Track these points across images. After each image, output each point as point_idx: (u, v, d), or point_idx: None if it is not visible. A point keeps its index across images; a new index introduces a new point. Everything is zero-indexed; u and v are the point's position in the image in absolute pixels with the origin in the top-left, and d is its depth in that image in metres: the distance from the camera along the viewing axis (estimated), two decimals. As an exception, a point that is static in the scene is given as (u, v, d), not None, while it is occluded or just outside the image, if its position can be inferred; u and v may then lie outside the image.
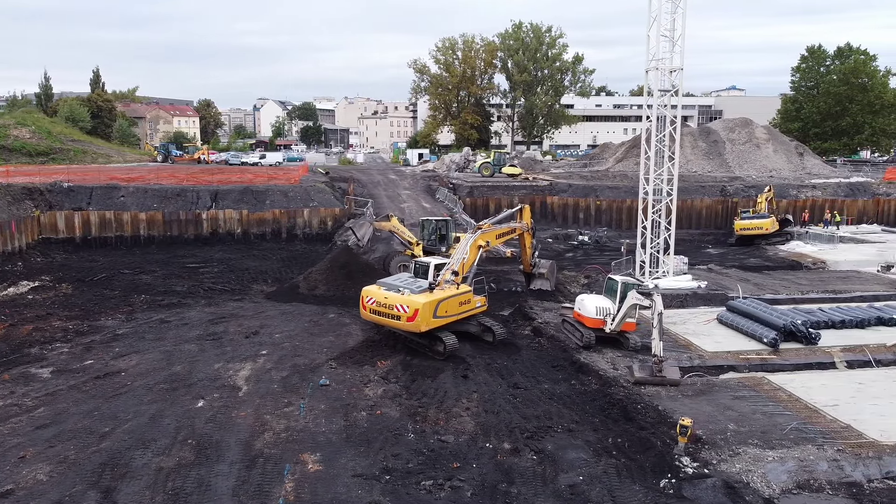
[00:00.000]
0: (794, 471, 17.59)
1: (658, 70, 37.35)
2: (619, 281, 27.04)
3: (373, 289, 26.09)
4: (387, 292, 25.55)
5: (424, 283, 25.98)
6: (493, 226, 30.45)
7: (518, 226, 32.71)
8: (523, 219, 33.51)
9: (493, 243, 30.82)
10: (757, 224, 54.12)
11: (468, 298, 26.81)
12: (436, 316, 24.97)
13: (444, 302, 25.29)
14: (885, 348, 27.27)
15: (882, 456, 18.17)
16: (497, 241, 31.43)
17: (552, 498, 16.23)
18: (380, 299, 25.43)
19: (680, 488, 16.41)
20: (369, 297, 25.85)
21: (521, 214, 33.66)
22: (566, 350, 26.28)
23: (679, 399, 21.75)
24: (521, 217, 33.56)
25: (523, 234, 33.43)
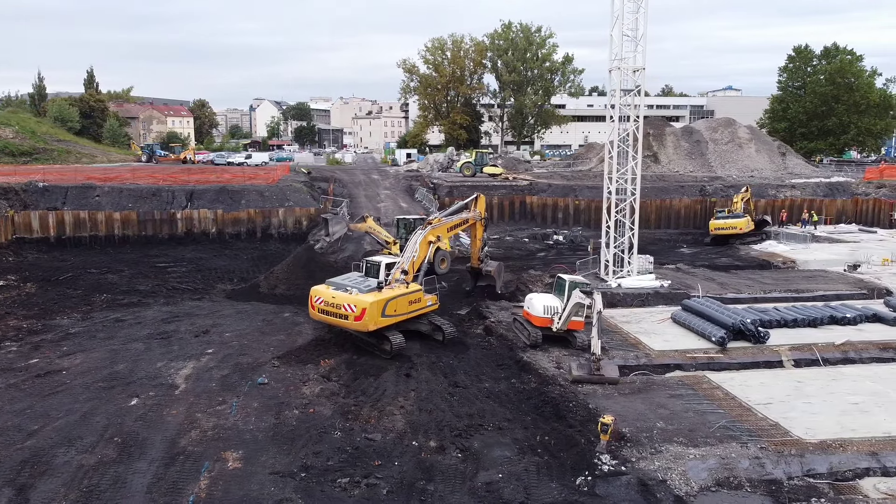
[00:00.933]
0: (715, 468, 17.67)
1: (620, 70, 37.42)
2: (567, 280, 27.10)
3: (321, 289, 26.13)
4: (335, 292, 25.58)
5: (373, 282, 26.02)
6: (443, 219, 30.21)
7: (471, 215, 31.96)
8: (477, 208, 32.92)
9: (445, 237, 30.61)
10: (731, 224, 54.16)
11: (419, 297, 26.85)
12: (384, 315, 25.01)
13: (393, 301, 25.35)
14: (834, 347, 27.34)
15: (805, 454, 18.26)
16: (449, 235, 31.17)
17: (468, 495, 16.30)
18: (328, 299, 25.46)
19: (594, 486, 16.47)
20: (318, 296, 25.88)
21: (475, 204, 33.05)
22: (513, 349, 26.35)
23: (614, 397, 21.83)
24: (475, 206, 32.95)
25: (475, 223, 32.56)
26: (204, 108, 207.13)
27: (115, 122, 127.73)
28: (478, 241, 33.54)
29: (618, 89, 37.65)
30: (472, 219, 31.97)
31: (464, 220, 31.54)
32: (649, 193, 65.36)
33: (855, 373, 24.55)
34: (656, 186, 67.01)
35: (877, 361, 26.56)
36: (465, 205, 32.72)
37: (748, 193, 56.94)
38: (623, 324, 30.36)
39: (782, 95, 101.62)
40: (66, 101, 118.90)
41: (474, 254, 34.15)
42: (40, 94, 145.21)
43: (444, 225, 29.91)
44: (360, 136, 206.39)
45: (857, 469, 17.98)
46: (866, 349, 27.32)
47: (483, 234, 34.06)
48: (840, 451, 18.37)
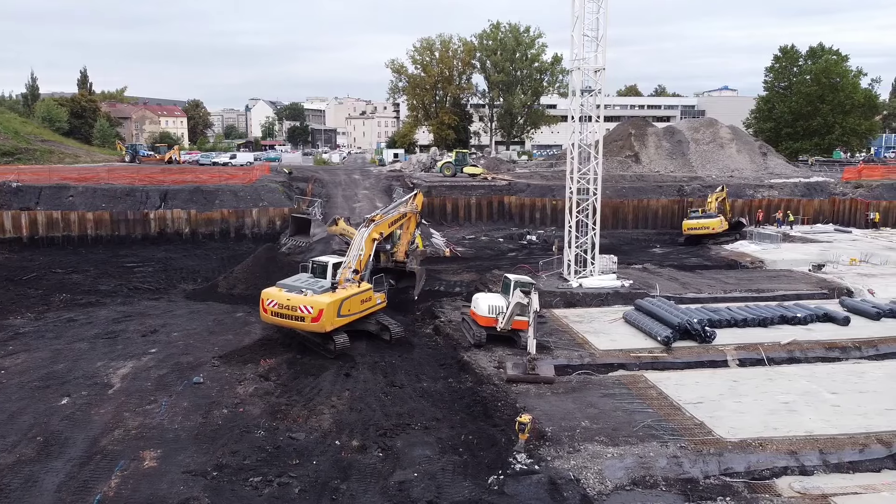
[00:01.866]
0: (632, 467, 17.73)
1: (580, 70, 37.49)
2: (512, 279, 27.15)
3: (273, 291, 26.05)
4: (289, 294, 25.49)
5: (326, 282, 26.05)
6: (384, 216, 30.21)
7: (407, 209, 31.77)
8: (415, 203, 32.87)
9: (386, 232, 30.59)
10: (704, 224, 54.18)
11: (369, 296, 26.96)
12: (340, 315, 25.12)
13: (348, 301, 25.46)
14: (779, 347, 27.40)
15: (723, 453, 18.32)
16: (390, 230, 31.13)
17: (379, 494, 16.37)
18: (282, 301, 25.33)
19: (504, 485, 16.53)
20: (270, 299, 25.74)
21: (413, 199, 33.03)
22: (457, 349, 26.42)
23: (546, 397, 21.89)
24: (412, 201, 32.91)
25: (410, 217, 32.38)
26: (198, 108, 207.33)
27: (105, 122, 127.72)
28: (408, 234, 33.10)
29: (577, 89, 37.66)
30: (409, 213, 31.92)
31: (402, 214, 31.44)
32: (627, 193, 65.64)
33: (793, 372, 24.59)
34: (634, 186, 67.13)
35: (822, 361, 26.62)
36: (404, 201, 32.78)
37: (724, 193, 57.00)
38: (575, 323, 30.42)
39: (768, 95, 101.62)
40: (55, 102, 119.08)
41: (402, 248, 33.47)
42: (33, 94, 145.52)
43: (386, 221, 29.93)
44: (353, 136, 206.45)
45: (774, 468, 18.06)
46: (812, 349, 27.39)
47: (416, 230, 33.86)
48: (759, 450, 18.43)
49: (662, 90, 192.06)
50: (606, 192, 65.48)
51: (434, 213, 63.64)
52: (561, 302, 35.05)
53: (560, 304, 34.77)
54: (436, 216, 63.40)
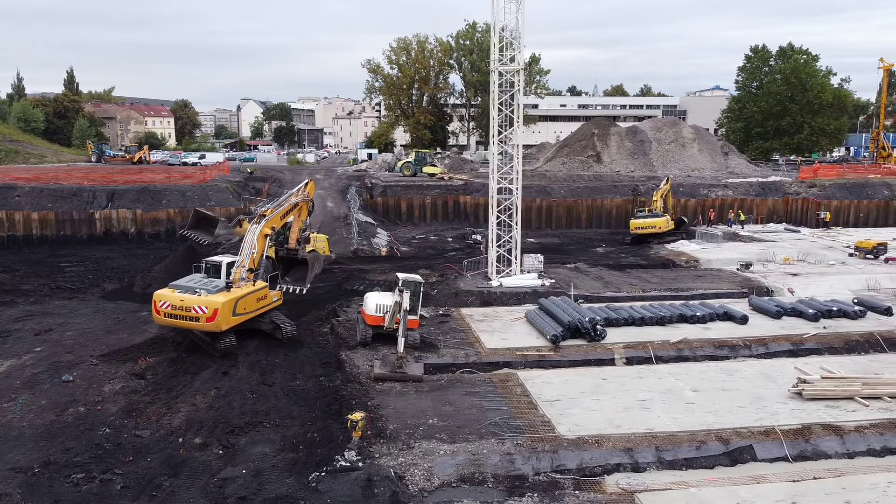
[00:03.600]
0: (463, 464, 17.89)
1: (497, 71, 37.68)
2: (402, 278, 27.27)
3: (166, 292, 26.00)
4: (182, 294, 25.49)
5: (220, 282, 26.12)
6: (275, 209, 30.08)
7: (298, 198, 31.50)
8: (307, 191, 32.78)
9: (279, 226, 30.58)
10: (650, 223, 54.25)
11: (265, 294, 27.08)
12: (235, 314, 25.23)
13: (243, 299, 25.57)
14: (669, 345, 27.55)
15: (558, 450, 18.48)
16: (282, 223, 31.11)
17: (198, 491, 16.53)
18: (175, 302, 25.22)
19: (321, 482, 16.70)
20: (163, 301, 25.58)
21: (305, 188, 32.95)
22: (342, 347, 26.57)
23: (407, 395, 22.06)
24: (304, 190, 32.77)
25: (302, 206, 32.09)
26: (186, 108, 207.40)
27: (84, 122, 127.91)
28: (300, 222, 32.98)
29: (495, 90, 37.85)
30: (300, 202, 31.80)
31: (293, 205, 31.29)
32: (582, 193, 65.83)
33: (666, 370, 24.77)
34: (590, 186, 67.30)
35: (709, 359, 26.77)
36: (296, 190, 32.76)
37: (667, 186, 56.86)
38: (476, 322, 30.58)
39: (740, 95, 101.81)
40: (31, 102, 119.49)
41: (293, 237, 33.26)
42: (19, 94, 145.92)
43: (277, 214, 29.80)
44: (340, 136, 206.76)
45: (607, 465, 18.22)
46: (701, 347, 27.55)
47: (307, 218, 33.89)
48: (595, 447, 18.58)
49: (648, 90, 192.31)
50: (561, 192, 66.12)
51: (389, 212, 63.93)
52: (477, 301, 35.21)
53: (476, 303, 34.94)
54: (390, 216, 63.66)
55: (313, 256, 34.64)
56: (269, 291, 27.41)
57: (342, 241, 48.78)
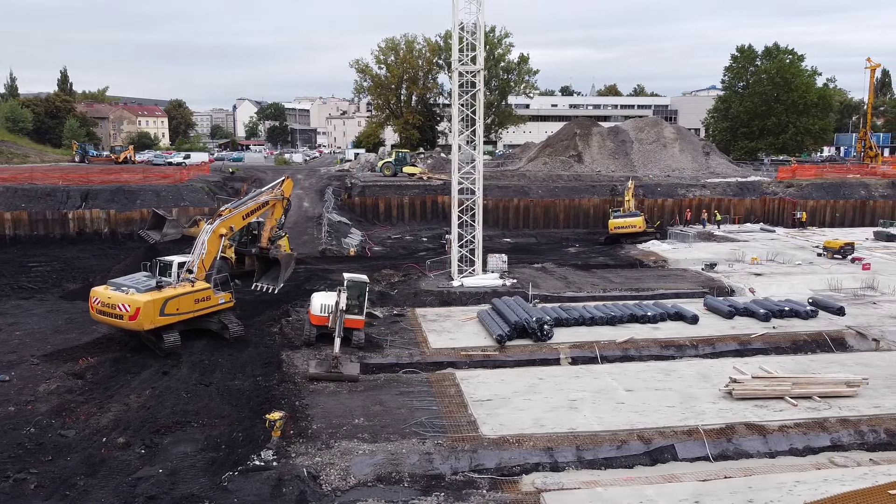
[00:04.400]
0: (381, 464, 17.95)
1: (457, 71, 37.79)
2: (346, 278, 27.32)
3: (100, 289, 26.25)
4: (112, 292, 25.73)
5: (151, 281, 26.23)
6: (234, 209, 29.94)
7: (270, 196, 31.16)
8: (282, 189, 32.55)
9: (239, 226, 30.39)
10: (630, 222, 54.06)
11: (207, 295, 27.03)
12: (163, 314, 25.22)
13: (174, 300, 25.57)
14: (615, 345, 27.61)
15: (478, 449, 18.54)
16: (244, 223, 30.92)
17: (111, 490, 16.58)
18: (104, 299, 25.57)
19: (232, 481, 16.75)
20: (96, 297, 25.99)
21: (281, 184, 32.77)
22: (286, 347, 26.63)
23: (339, 395, 22.14)
24: (279, 188, 32.60)
25: (275, 204, 31.83)
26: (181, 108, 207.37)
27: (75, 122, 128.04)
28: (273, 221, 32.85)
29: (454, 90, 37.94)
30: (272, 200, 31.59)
31: (261, 204, 30.96)
32: (560, 193, 65.85)
33: (605, 370, 24.85)
34: (568, 186, 67.33)
35: (655, 359, 26.84)
36: (269, 187, 32.56)
37: (632, 185, 56.82)
38: (429, 322, 30.68)
39: (726, 95, 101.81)
40: (20, 102, 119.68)
41: (264, 235, 33.18)
42: (12, 93, 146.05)
43: (238, 214, 29.62)
44: (333, 135, 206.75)
45: (526, 464, 18.29)
46: (648, 346, 27.64)
47: (281, 217, 33.74)
48: (515, 447, 18.63)
49: (641, 90, 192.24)
50: (539, 192, 66.14)
51: (367, 212, 63.95)
52: (436, 301, 35.31)
53: (435, 303, 35.03)
54: (368, 215, 63.68)
55: (287, 256, 34.72)
56: (213, 293, 27.27)
57: (312, 240, 48.87)
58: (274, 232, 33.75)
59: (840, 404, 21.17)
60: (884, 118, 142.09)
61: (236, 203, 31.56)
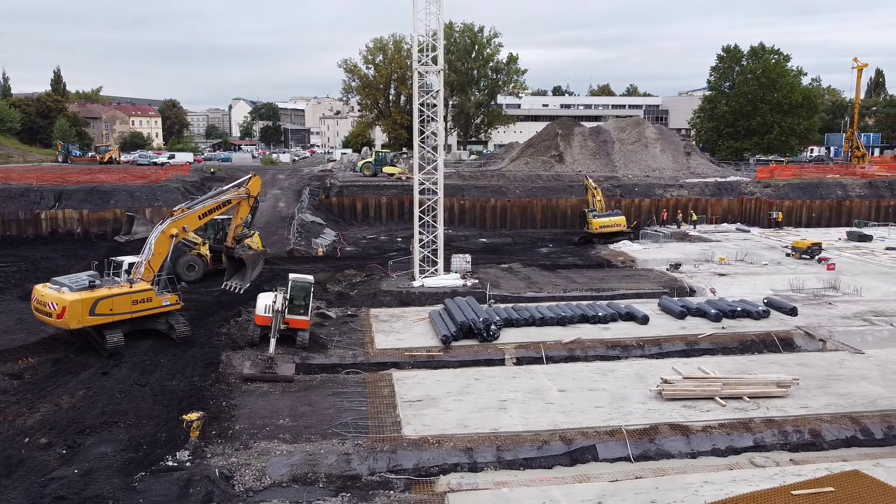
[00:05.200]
0: (298, 464, 17.96)
1: (418, 71, 37.79)
2: (291, 279, 27.34)
3: (39, 287, 26.29)
4: (46, 290, 25.72)
5: (85, 280, 26.13)
6: (189, 209, 29.86)
7: (233, 195, 31.08)
8: (248, 187, 32.45)
9: (194, 226, 30.35)
10: (615, 221, 53.86)
11: (148, 297, 26.97)
12: (94, 314, 25.22)
13: (106, 300, 25.56)
14: (561, 345, 27.62)
15: (397, 450, 18.56)
16: (202, 222, 30.86)
17: (23, 491, 16.60)
18: (39, 297, 25.62)
19: (142, 481, 16.78)
20: (34, 295, 26.06)
21: (247, 183, 32.70)
22: (230, 347, 26.65)
23: (270, 395, 22.16)
24: (246, 185, 32.52)
25: (240, 203, 31.81)
26: (175, 108, 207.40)
27: (65, 122, 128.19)
28: (238, 219, 32.76)
29: (415, 90, 37.96)
30: (234, 199, 31.50)
31: (221, 203, 30.85)
32: (538, 193, 65.89)
33: (543, 370, 24.86)
34: (547, 186, 67.36)
35: (600, 359, 26.84)
36: (234, 185, 32.51)
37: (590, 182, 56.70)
38: (381, 322, 30.70)
39: (712, 95, 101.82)
40: (9, 102, 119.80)
41: (230, 233, 33.11)
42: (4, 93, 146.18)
43: (193, 214, 29.59)
44: (327, 135, 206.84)
45: (444, 465, 18.30)
46: (594, 347, 27.65)
47: (247, 216, 33.74)
48: (435, 447, 18.65)
49: (634, 90, 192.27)
50: (517, 192, 66.19)
51: (345, 212, 64.00)
52: (395, 301, 35.31)
53: (393, 304, 35.03)
54: (346, 216, 63.73)
55: (253, 256, 34.73)
56: (155, 294, 27.11)
57: (281, 241, 48.91)
58: (240, 231, 33.76)
59: (769, 405, 21.17)
60: (875, 118, 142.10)
61: (192, 202, 31.54)
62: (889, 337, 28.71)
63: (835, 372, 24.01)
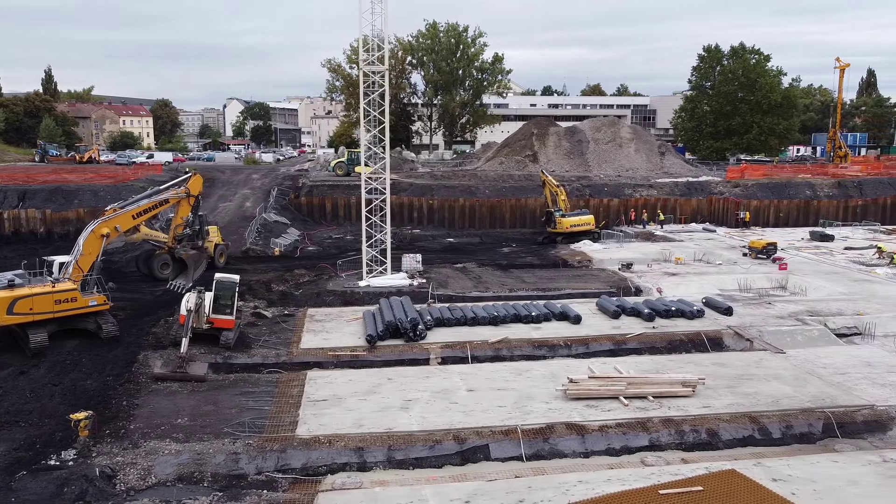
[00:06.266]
0: (186, 463, 18.02)
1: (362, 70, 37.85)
2: (216, 278, 27.36)
3: None
4: None
5: (4, 280, 26.18)
6: (121, 209, 29.88)
7: (170, 194, 31.13)
8: (188, 186, 32.40)
9: (127, 226, 30.34)
10: (585, 220, 53.75)
11: (72, 297, 26.92)
12: (12, 313, 25.26)
13: (25, 300, 25.58)
14: (488, 345, 27.64)
15: (287, 449, 18.59)
16: (136, 222, 30.89)
17: None
18: None
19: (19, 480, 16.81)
20: None
21: (187, 181, 32.64)
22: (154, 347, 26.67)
23: (176, 395, 22.21)
24: (185, 184, 32.49)
25: (179, 202, 31.92)
26: (167, 107, 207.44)
27: (51, 122, 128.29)
28: (179, 219, 32.77)
29: (360, 90, 37.99)
30: (173, 198, 31.46)
31: (158, 202, 30.80)
32: (507, 192, 65.87)
33: (459, 370, 24.91)
34: (517, 186, 67.34)
35: (526, 359, 26.85)
36: (173, 184, 32.50)
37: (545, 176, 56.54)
38: (315, 322, 30.72)
39: (693, 95, 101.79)
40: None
41: (170, 233, 33.24)
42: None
43: (125, 213, 29.62)
44: (318, 135, 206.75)
45: (333, 464, 18.36)
46: (520, 346, 27.68)
47: (188, 214, 33.79)
48: (326, 447, 18.69)
49: (625, 90, 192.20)
50: (486, 192, 66.16)
51: (314, 212, 64.06)
52: (339, 301, 35.33)
53: (337, 303, 35.04)
54: (315, 215, 63.79)
55: (195, 255, 34.73)
56: (80, 295, 27.07)
57: (240, 240, 48.90)
58: (180, 231, 33.82)
59: (673, 404, 21.18)
60: (863, 118, 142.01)
61: (125, 202, 31.56)
62: (819, 336, 28.73)
63: (749, 371, 24.01)
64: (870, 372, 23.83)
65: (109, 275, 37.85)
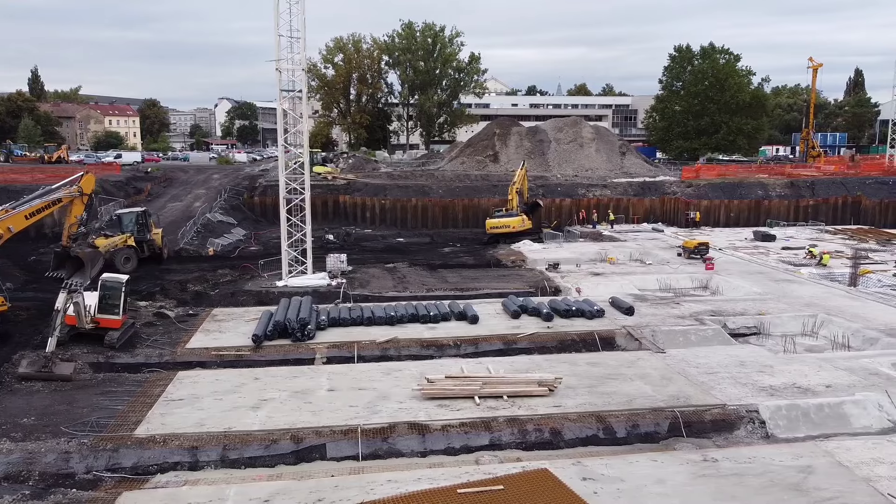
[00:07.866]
0: (15, 462, 18.07)
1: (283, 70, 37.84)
2: (103, 278, 27.38)
3: None
4: None
5: None
6: (13, 209, 29.91)
7: (63, 193, 31.27)
8: (81, 185, 32.51)
9: (21, 226, 30.40)
10: (505, 223, 54.04)
11: (-37, 298, 27.22)
12: None
13: None
14: (375, 345, 27.69)
15: (120, 449, 18.61)
16: (29, 222, 30.96)
17: None
18: None
19: None
20: None
21: (79, 180, 32.74)
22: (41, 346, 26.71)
23: (37, 394, 22.28)
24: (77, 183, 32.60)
25: (72, 201, 32.01)
26: (154, 107, 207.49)
27: (30, 122, 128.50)
28: (72, 218, 32.85)
29: (278, 90, 38.01)
30: (66, 197, 31.59)
31: (51, 202, 30.88)
32: (460, 193, 65.96)
33: (330, 370, 24.93)
34: (471, 186, 67.50)
35: (413, 358, 26.85)
36: (65, 183, 32.57)
37: (523, 171, 56.63)
38: (215, 321, 30.76)
39: (664, 94, 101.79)
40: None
41: (64, 232, 33.37)
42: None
43: (18, 213, 29.69)
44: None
45: (164, 463, 18.38)
46: (408, 346, 27.71)
47: (82, 213, 33.87)
48: (160, 446, 18.70)
49: (610, 89, 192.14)
50: (440, 192, 66.26)
51: (267, 212, 64.08)
52: (253, 301, 35.34)
53: (251, 303, 35.05)
54: (268, 215, 63.79)
55: (91, 253, 34.74)
56: None
57: (176, 240, 48.93)
58: (74, 230, 33.83)
59: (525, 404, 21.17)
60: (843, 118, 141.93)
61: (17, 202, 31.61)
62: (713, 336, 28.72)
63: (619, 371, 24.01)
64: (739, 371, 23.82)
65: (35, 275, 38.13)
